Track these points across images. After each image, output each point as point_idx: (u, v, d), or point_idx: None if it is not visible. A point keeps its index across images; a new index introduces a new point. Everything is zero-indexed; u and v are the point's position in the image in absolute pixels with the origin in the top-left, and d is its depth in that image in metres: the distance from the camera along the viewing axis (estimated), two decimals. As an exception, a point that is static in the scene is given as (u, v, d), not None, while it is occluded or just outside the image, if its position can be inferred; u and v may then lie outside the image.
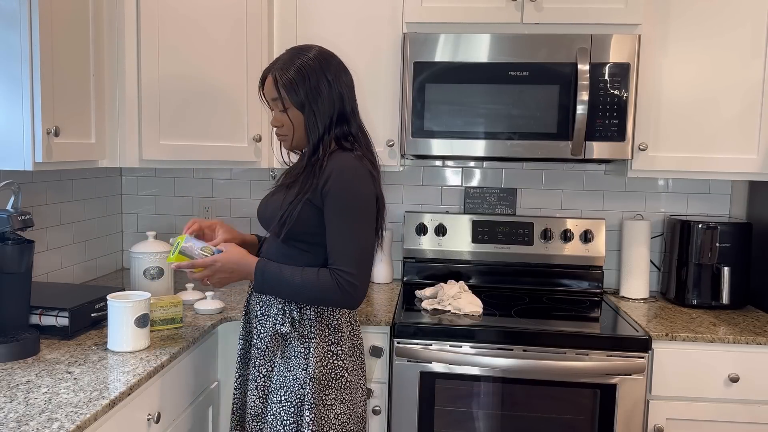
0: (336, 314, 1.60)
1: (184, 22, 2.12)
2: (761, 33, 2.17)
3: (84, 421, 1.23)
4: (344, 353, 1.60)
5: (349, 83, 1.61)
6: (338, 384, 1.58)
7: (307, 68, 1.54)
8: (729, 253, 2.28)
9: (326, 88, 1.55)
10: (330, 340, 1.59)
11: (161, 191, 2.78)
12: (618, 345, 1.95)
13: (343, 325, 1.60)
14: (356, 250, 1.51)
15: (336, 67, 1.58)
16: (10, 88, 1.63)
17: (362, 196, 1.52)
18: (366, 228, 1.54)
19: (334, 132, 1.57)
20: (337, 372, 1.58)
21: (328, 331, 1.59)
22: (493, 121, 2.18)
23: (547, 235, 2.51)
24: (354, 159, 1.53)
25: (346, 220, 1.51)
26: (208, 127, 2.20)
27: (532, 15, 2.18)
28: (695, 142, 2.23)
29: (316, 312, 1.58)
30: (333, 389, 1.58)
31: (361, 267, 1.52)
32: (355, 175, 1.52)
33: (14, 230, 1.57)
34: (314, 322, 1.57)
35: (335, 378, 1.58)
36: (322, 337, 1.58)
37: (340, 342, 1.59)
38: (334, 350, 1.59)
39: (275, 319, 1.60)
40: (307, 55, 1.56)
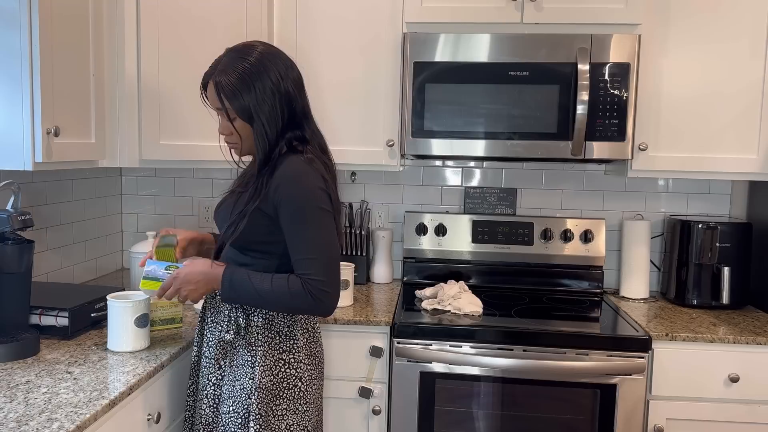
0: (287, 321, 1.53)
1: (184, 22, 2.12)
2: (761, 33, 2.17)
3: (84, 421, 1.23)
4: (299, 362, 1.53)
5: (297, 81, 1.51)
6: (291, 394, 1.52)
7: (250, 74, 1.44)
8: (729, 253, 2.28)
9: (272, 94, 1.45)
10: (281, 348, 1.52)
11: (161, 191, 2.78)
12: (618, 345, 1.95)
13: (297, 333, 1.54)
14: (323, 257, 1.44)
15: (282, 67, 1.48)
16: (10, 88, 1.63)
17: (317, 200, 1.45)
18: (328, 232, 1.46)
19: (286, 137, 1.49)
20: (290, 381, 1.52)
21: (279, 339, 1.52)
22: (493, 121, 2.18)
23: (547, 235, 2.51)
24: (304, 163, 1.45)
25: (307, 227, 1.44)
26: (207, 127, 2.20)
27: (532, 15, 2.18)
28: (695, 142, 2.23)
29: (264, 319, 1.52)
30: (285, 399, 1.52)
31: (329, 273, 1.45)
32: (307, 180, 1.44)
33: (14, 230, 1.57)
34: (261, 329, 1.51)
35: (288, 387, 1.52)
36: (271, 345, 1.51)
37: (293, 350, 1.53)
38: (285, 359, 1.52)
39: (221, 325, 1.55)
40: (248, 58, 1.45)
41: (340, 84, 2.30)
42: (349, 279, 2.19)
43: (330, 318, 2.01)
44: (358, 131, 2.31)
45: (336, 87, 2.30)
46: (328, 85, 2.30)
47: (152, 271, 1.51)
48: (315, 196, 1.44)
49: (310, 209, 1.44)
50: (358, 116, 2.31)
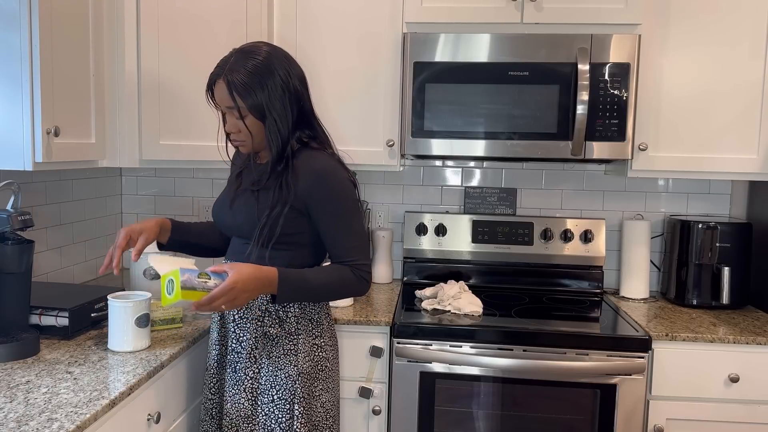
0: (316, 308, 1.65)
1: (185, 22, 2.12)
2: (761, 33, 2.17)
3: (84, 421, 1.23)
4: (326, 344, 1.66)
5: (302, 79, 1.56)
6: (324, 374, 1.65)
7: (261, 72, 1.47)
8: (729, 253, 2.28)
9: (282, 91, 1.49)
10: (314, 334, 1.64)
11: (161, 191, 2.78)
12: (618, 345, 1.95)
13: (323, 318, 1.67)
14: (363, 243, 1.60)
15: (288, 65, 1.52)
16: (10, 88, 1.64)
17: (349, 193, 1.58)
18: (360, 220, 1.61)
19: (296, 134, 1.55)
20: (322, 363, 1.65)
21: (312, 326, 1.64)
22: (493, 121, 2.18)
23: (547, 235, 2.51)
24: (330, 158, 1.58)
25: (348, 219, 1.57)
26: (208, 127, 2.20)
27: (532, 15, 2.18)
28: (695, 142, 2.23)
29: (299, 308, 1.62)
30: (320, 380, 1.64)
31: (368, 256, 1.62)
32: (339, 174, 1.57)
33: (14, 230, 1.57)
34: (299, 319, 1.62)
35: (321, 369, 1.64)
36: (307, 332, 1.63)
37: (322, 335, 1.65)
38: (318, 343, 1.64)
39: (259, 321, 1.60)
40: (257, 57, 1.48)
41: (340, 84, 2.30)
42: None
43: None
44: (358, 131, 2.31)
45: (336, 87, 2.30)
46: (328, 85, 2.30)
47: (188, 280, 1.36)
48: (348, 189, 1.57)
49: (348, 202, 1.57)
50: (358, 116, 2.31)
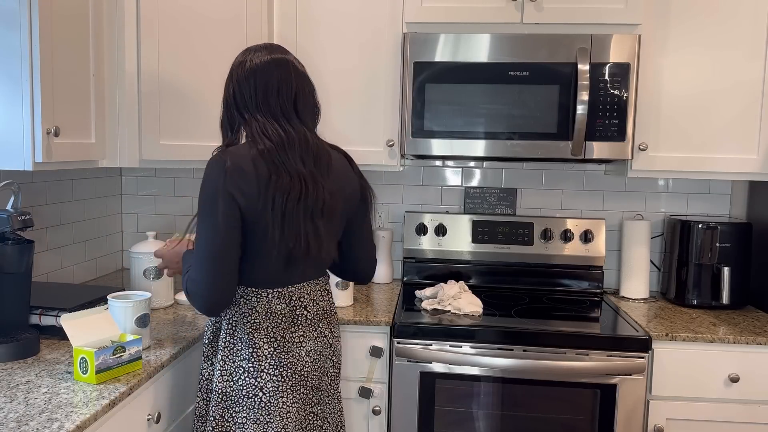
0: (247, 328, 1.51)
1: (184, 22, 2.12)
2: (761, 33, 2.17)
3: (84, 421, 1.23)
4: (260, 371, 1.49)
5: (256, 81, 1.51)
6: (250, 403, 1.49)
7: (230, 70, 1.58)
8: (729, 253, 2.28)
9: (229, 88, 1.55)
10: (241, 356, 1.51)
11: (161, 191, 2.78)
12: (618, 345, 1.95)
13: (258, 341, 1.50)
14: (199, 253, 1.43)
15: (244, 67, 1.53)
16: (10, 88, 1.63)
17: (205, 194, 1.44)
18: (207, 228, 1.42)
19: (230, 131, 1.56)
20: (249, 390, 1.49)
21: (240, 345, 1.51)
22: (493, 121, 2.18)
23: (547, 235, 2.51)
24: (209, 161, 1.45)
25: (198, 220, 1.46)
26: (208, 127, 2.20)
27: (532, 15, 2.18)
28: (695, 142, 2.23)
29: (228, 324, 1.54)
30: (245, 407, 1.50)
31: (203, 271, 1.42)
32: (205, 178, 1.45)
33: (14, 230, 1.57)
34: (225, 335, 1.54)
35: (247, 396, 1.50)
36: (232, 351, 1.52)
37: (253, 358, 1.49)
38: (245, 366, 1.50)
39: (205, 328, 1.65)
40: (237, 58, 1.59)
41: (340, 84, 2.30)
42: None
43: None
44: (358, 131, 2.31)
45: (336, 87, 2.30)
46: (328, 85, 2.30)
47: (103, 363, 1.45)
48: (206, 193, 1.43)
49: (200, 203, 1.45)
50: (358, 116, 2.31)
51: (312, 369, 1.56)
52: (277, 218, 1.44)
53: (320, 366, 1.59)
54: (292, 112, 1.52)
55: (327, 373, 1.62)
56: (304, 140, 1.50)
